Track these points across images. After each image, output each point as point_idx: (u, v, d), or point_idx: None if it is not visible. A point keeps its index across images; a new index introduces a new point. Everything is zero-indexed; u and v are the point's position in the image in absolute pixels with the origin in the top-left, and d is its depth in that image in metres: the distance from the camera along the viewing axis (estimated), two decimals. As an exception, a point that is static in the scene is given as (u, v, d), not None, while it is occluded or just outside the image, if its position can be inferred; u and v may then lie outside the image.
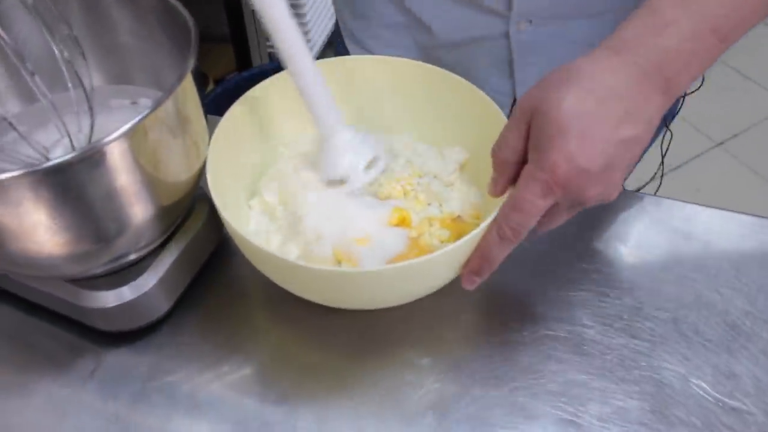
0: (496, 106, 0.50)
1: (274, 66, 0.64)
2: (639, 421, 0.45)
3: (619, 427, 0.45)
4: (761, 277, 0.53)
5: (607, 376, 0.47)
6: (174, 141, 0.42)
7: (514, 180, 0.43)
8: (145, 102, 0.54)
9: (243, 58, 1.48)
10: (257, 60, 1.49)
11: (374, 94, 0.56)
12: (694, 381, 0.47)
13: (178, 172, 0.44)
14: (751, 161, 1.64)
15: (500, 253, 0.43)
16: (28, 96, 0.51)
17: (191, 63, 0.41)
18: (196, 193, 0.50)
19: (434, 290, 0.47)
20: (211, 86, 1.57)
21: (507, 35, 0.61)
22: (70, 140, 0.47)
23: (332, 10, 0.93)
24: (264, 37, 1.53)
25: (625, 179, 0.45)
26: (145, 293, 0.47)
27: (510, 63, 0.63)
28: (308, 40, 1.57)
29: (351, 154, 0.50)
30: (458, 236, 0.50)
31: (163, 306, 0.49)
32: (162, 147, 0.41)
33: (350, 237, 0.49)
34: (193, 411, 0.46)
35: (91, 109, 0.46)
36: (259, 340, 0.50)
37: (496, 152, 0.43)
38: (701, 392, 0.47)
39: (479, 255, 0.44)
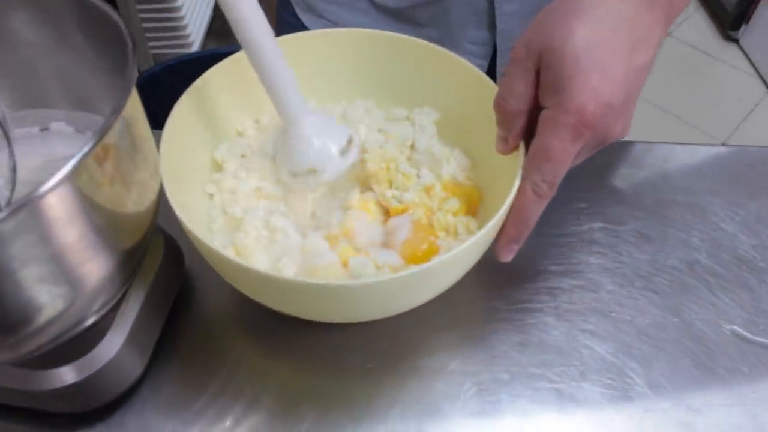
0: (457, 58, 0.46)
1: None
2: (692, 378, 0.43)
3: (669, 390, 0.42)
4: (756, 207, 0.52)
5: (645, 340, 0.44)
6: (129, 170, 0.33)
7: (524, 132, 0.39)
8: (59, 127, 0.44)
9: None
10: (143, 65, 1.36)
11: (326, 68, 0.50)
12: (727, 326, 0.45)
13: (137, 207, 0.35)
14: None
15: (537, 212, 0.39)
16: None
17: (134, 68, 0.32)
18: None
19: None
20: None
21: None
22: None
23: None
24: (144, 41, 1.39)
25: None
26: (113, 359, 0.39)
27: (490, 12, 0.58)
28: (188, 35, 1.44)
29: (321, 139, 0.44)
30: (469, 204, 0.45)
31: (136, 368, 0.41)
32: (117, 181, 0.32)
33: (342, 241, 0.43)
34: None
35: (9, 143, 0.36)
36: (247, 373, 0.43)
37: (501, 105, 0.39)
38: (737, 337, 0.45)
39: (516, 220, 0.39)
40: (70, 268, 0.31)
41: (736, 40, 1.84)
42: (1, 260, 0.28)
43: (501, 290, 0.47)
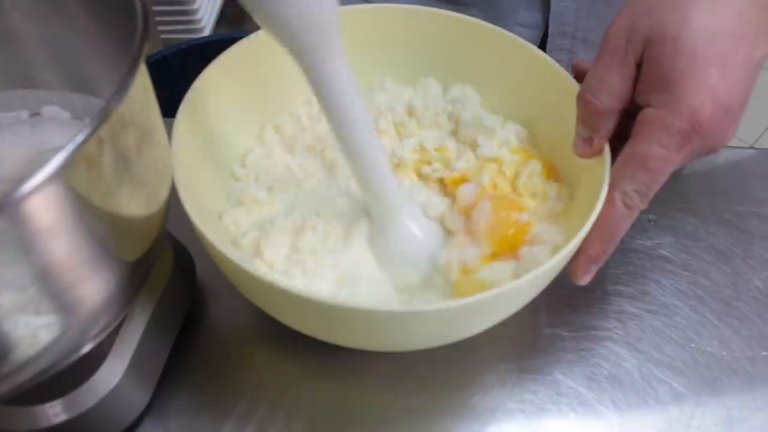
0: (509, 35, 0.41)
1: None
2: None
3: (769, 441, 0.36)
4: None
5: (731, 377, 0.38)
6: (135, 166, 0.27)
7: (613, 132, 0.33)
8: (52, 111, 0.38)
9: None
10: (152, 49, 1.29)
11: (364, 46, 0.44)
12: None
13: (144, 211, 0.29)
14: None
15: (625, 227, 0.33)
16: None
17: (144, 41, 0.26)
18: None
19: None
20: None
21: None
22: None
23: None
24: (154, 24, 1.32)
25: None
26: (113, 391, 0.32)
27: None
28: (199, 19, 1.38)
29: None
30: (550, 171, 0.39)
31: (140, 400, 0.34)
32: (120, 179, 0.26)
33: None
34: None
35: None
36: (269, 407, 0.36)
37: (589, 100, 0.32)
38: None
39: (601, 235, 0.33)
40: (60, 290, 0.25)
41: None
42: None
43: (563, 315, 0.40)
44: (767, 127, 1.58)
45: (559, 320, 0.40)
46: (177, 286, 0.37)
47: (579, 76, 0.37)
